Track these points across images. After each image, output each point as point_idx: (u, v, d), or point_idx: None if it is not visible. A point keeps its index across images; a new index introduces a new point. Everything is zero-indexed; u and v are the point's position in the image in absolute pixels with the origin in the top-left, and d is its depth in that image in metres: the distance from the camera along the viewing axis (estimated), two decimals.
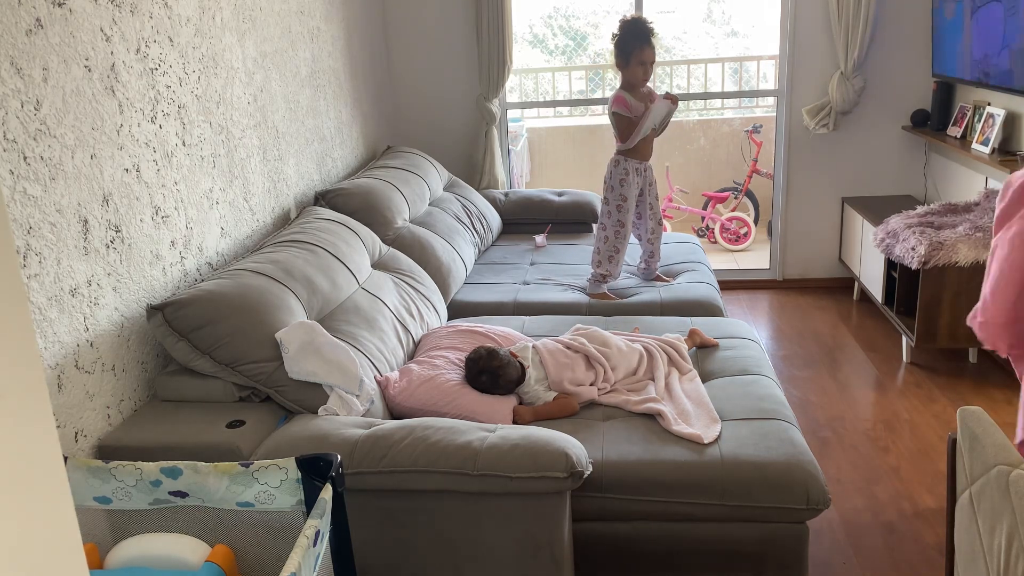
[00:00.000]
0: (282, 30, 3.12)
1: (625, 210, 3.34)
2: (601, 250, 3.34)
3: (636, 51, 3.23)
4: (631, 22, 3.29)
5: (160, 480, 1.55)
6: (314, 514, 1.40)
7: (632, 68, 3.25)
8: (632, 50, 3.23)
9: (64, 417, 1.87)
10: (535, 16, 8.44)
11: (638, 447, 2.11)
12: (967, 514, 1.38)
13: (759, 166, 5.70)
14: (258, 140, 2.88)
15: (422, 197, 3.70)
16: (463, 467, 1.84)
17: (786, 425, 2.18)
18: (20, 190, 1.73)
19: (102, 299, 2.00)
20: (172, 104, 2.33)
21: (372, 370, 2.34)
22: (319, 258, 2.53)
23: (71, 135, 1.90)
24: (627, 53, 3.24)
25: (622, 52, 3.26)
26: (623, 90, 3.31)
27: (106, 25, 2.04)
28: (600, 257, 3.34)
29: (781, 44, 4.37)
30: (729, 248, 5.70)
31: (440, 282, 3.18)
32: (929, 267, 3.29)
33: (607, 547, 2.11)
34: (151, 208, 2.21)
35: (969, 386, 3.37)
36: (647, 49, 3.25)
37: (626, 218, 3.35)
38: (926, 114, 4.17)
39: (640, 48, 3.23)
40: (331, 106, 3.63)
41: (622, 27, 3.28)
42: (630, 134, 3.29)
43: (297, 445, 1.92)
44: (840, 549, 2.42)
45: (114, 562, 1.56)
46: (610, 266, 3.33)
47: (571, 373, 2.40)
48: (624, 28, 3.28)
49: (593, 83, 7.99)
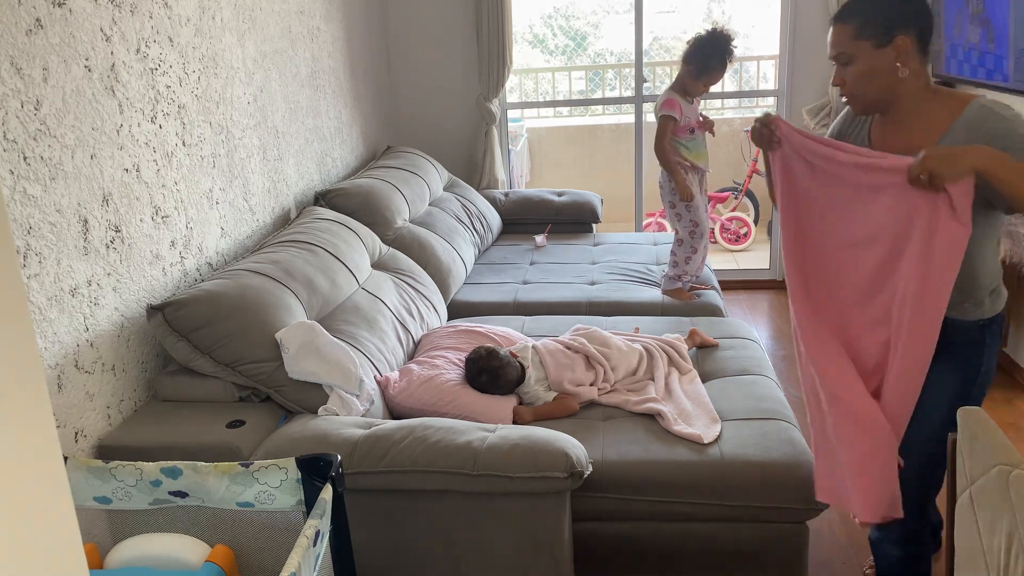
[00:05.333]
0: (282, 30, 3.12)
1: (695, 208, 3.35)
2: (677, 253, 3.36)
3: (714, 71, 3.26)
4: (724, 40, 3.27)
5: (160, 480, 1.54)
6: (314, 514, 1.40)
7: (699, 82, 3.28)
8: (712, 68, 3.25)
9: (64, 417, 1.87)
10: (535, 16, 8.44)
11: (638, 447, 2.11)
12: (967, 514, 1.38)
13: (759, 166, 5.70)
14: (258, 140, 2.87)
15: (422, 197, 3.70)
16: (463, 467, 1.84)
17: (786, 425, 2.18)
18: (20, 190, 1.73)
19: (102, 299, 2.00)
20: (172, 104, 2.33)
21: (372, 370, 2.34)
22: (319, 258, 2.53)
23: (71, 135, 1.90)
24: (706, 68, 3.25)
25: (701, 64, 3.26)
26: (676, 92, 3.32)
27: (106, 25, 2.04)
28: (677, 259, 3.35)
29: (781, 44, 4.37)
30: (729, 248, 5.70)
31: (440, 282, 3.18)
32: None
33: (607, 547, 2.11)
34: (151, 208, 2.21)
35: None
36: (721, 73, 3.30)
37: (698, 216, 3.35)
38: None
39: (718, 71, 3.28)
40: (331, 106, 3.63)
41: (714, 40, 3.26)
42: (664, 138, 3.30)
43: (297, 445, 1.92)
44: (840, 549, 2.42)
45: (114, 562, 1.56)
46: (687, 267, 3.34)
47: (571, 373, 2.40)
48: (716, 43, 3.26)
49: (593, 83, 7.99)
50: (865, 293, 1.73)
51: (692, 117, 3.35)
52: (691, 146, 3.41)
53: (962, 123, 1.62)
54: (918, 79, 1.67)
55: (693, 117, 3.36)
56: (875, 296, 1.72)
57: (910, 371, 1.66)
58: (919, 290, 1.61)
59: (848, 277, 1.77)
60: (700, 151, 3.44)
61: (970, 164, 1.50)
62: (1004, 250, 3.18)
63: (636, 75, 4.58)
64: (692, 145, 3.41)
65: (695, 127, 3.39)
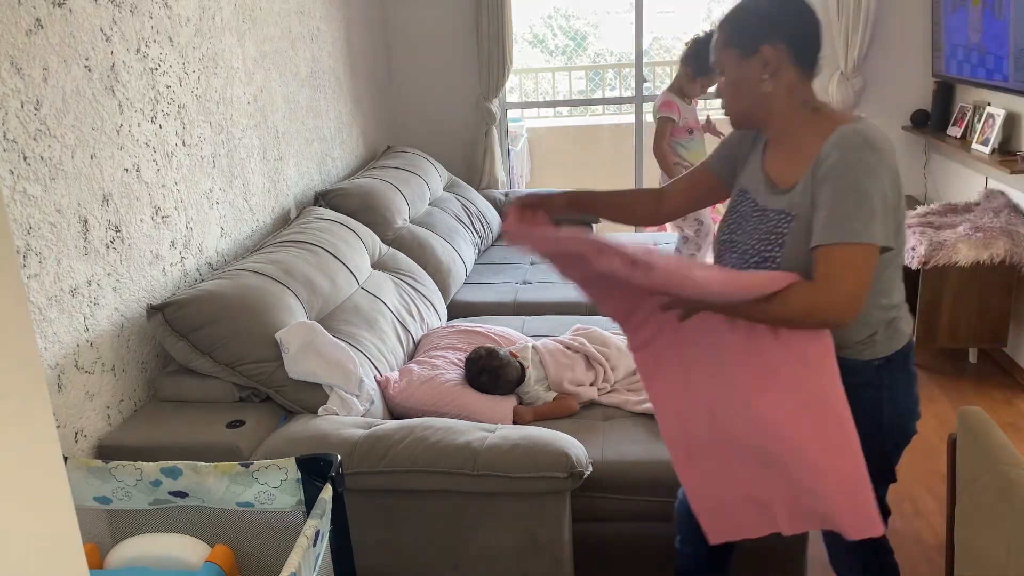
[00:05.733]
0: (282, 30, 3.12)
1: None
2: (682, 250, 3.36)
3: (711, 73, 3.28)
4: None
5: (160, 480, 1.54)
6: (314, 514, 1.40)
7: (696, 83, 3.29)
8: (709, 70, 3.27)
9: (64, 417, 1.87)
10: (535, 16, 8.45)
11: (638, 447, 2.11)
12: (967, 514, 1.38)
13: None
14: (258, 140, 2.87)
15: (422, 197, 3.70)
16: (463, 467, 1.84)
17: None
18: (20, 190, 1.73)
19: (102, 299, 2.00)
20: (172, 104, 2.33)
21: (372, 370, 2.34)
22: (319, 258, 2.53)
23: (71, 135, 1.90)
24: (704, 70, 3.26)
25: (698, 66, 3.26)
26: (673, 94, 3.32)
27: (106, 25, 2.04)
28: (681, 256, 3.35)
29: None
30: None
31: (440, 282, 3.18)
32: (929, 267, 3.29)
33: (607, 547, 2.11)
34: (151, 208, 2.21)
35: (969, 386, 3.36)
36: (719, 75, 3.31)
37: (702, 215, 3.35)
38: (926, 114, 4.17)
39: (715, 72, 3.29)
40: (331, 106, 3.63)
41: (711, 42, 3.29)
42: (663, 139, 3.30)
43: (297, 445, 1.92)
44: None
45: (114, 562, 1.56)
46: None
47: (571, 373, 2.40)
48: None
49: (593, 83, 7.99)
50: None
51: (690, 118, 3.36)
52: (689, 147, 3.42)
53: (825, 150, 1.41)
54: (791, 96, 1.48)
55: (691, 118, 3.37)
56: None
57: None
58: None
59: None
60: (699, 152, 3.45)
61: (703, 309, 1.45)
62: (1004, 250, 3.17)
63: (636, 75, 4.57)
64: (691, 146, 3.42)
65: (693, 128, 3.40)
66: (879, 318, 1.49)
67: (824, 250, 1.36)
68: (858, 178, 1.35)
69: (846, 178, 1.36)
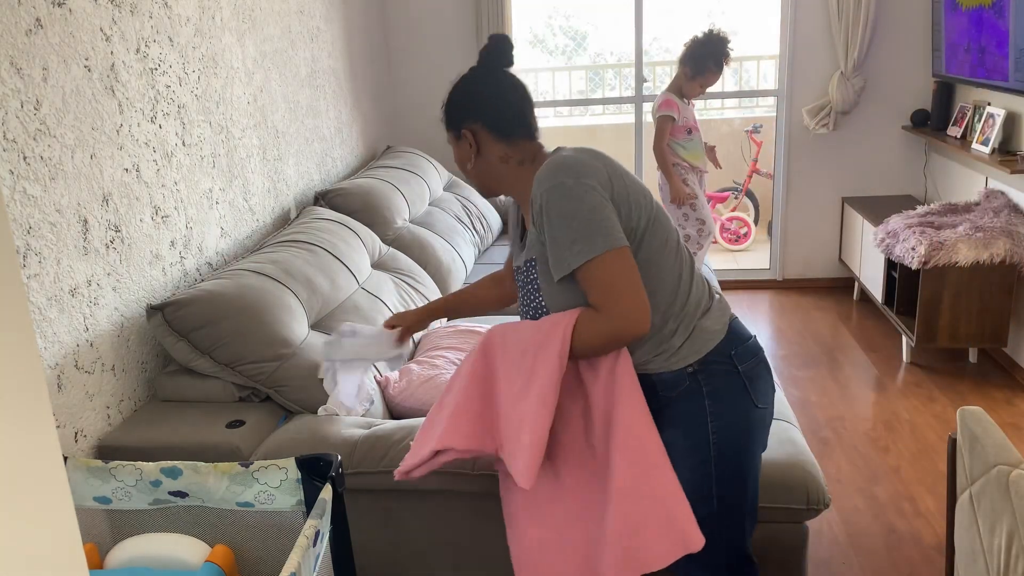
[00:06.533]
0: (282, 30, 3.12)
1: (700, 206, 3.36)
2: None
3: (709, 73, 3.31)
4: (719, 41, 3.31)
5: (160, 480, 1.54)
6: (314, 514, 1.40)
7: (694, 83, 3.32)
8: (707, 70, 3.30)
9: (64, 417, 1.87)
10: (535, 16, 8.44)
11: None
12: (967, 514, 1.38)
13: (759, 166, 5.70)
14: (258, 140, 2.87)
15: (422, 197, 3.70)
16: (463, 467, 1.84)
17: (786, 425, 2.17)
18: (20, 190, 1.73)
19: (102, 299, 2.00)
20: (172, 104, 2.33)
21: (372, 370, 2.34)
22: (319, 258, 2.53)
23: (71, 135, 1.90)
24: (702, 70, 3.29)
25: (696, 66, 3.30)
26: (672, 93, 3.34)
27: (106, 25, 2.04)
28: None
29: (781, 44, 4.37)
30: (729, 248, 5.70)
31: (440, 282, 3.18)
32: (929, 267, 3.29)
33: None
34: (151, 208, 2.21)
35: (969, 386, 3.37)
36: (716, 75, 3.34)
37: (704, 214, 3.37)
38: (926, 114, 4.17)
39: (713, 72, 3.33)
40: (331, 106, 3.63)
41: (709, 42, 3.31)
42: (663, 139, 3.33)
43: (297, 445, 1.92)
44: (840, 549, 2.42)
45: (114, 562, 1.56)
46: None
47: None
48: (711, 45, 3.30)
49: (593, 83, 7.99)
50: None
51: (689, 118, 3.37)
52: (688, 147, 3.42)
53: (534, 193, 1.47)
54: (507, 162, 1.57)
55: (690, 118, 3.38)
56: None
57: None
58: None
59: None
60: (698, 152, 3.45)
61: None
62: (1004, 250, 3.17)
63: (636, 75, 4.58)
64: (690, 146, 3.42)
65: (692, 128, 3.41)
66: (672, 322, 1.50)
67: (580, 273, 1.42)
68: (562, 204, 1.41)
69: (554, 209, 1.42)
